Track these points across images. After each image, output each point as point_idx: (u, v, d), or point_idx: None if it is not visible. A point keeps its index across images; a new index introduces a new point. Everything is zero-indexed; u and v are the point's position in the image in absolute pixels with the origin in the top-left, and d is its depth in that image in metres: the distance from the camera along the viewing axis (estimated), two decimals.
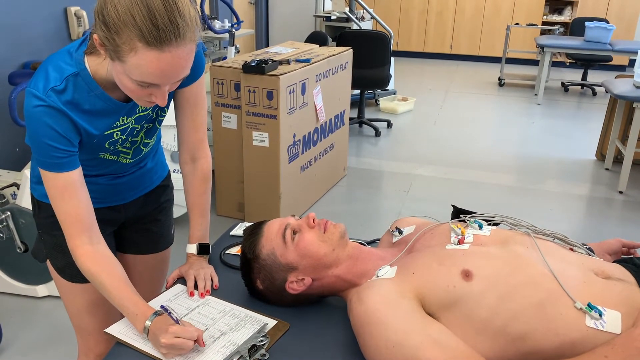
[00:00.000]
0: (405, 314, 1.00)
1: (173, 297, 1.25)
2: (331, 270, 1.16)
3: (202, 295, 1.25)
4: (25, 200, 2.31)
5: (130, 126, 1.21)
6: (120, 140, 1.21)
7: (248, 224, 1.39)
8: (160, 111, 1.26)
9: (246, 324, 1.14)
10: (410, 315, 1.00)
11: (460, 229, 1.16)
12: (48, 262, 1.35)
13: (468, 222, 1.21)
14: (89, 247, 1.14)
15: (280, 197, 3.05)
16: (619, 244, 1.29)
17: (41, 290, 2.46)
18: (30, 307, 2.43)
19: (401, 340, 0.96)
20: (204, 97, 1.31)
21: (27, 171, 2.30)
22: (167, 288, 1.29)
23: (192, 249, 1.35)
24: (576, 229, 3.30)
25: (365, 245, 1.38)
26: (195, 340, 1.04)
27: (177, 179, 3.04)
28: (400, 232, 1.31)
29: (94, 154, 1.20)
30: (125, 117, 1.18)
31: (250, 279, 1.20)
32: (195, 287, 1.27)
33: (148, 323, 1.08)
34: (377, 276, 1.11)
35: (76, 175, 1.11)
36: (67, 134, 1.08)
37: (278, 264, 1.15)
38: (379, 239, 1.46)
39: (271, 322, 1.15)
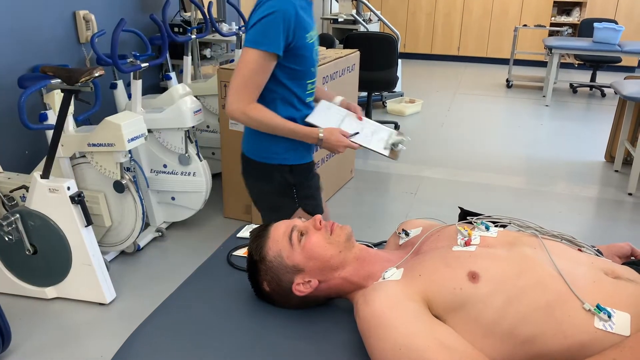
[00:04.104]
0: (411, 317, 0.99)
1: (326, 109, 1.77)
2: (338, 272, 1.16)
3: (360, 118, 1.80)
4: (34, 203, 2.33)
5: (315, 43, 1.69)
6: (315, 53, 1.68)
7: (255, 226, 1.40)
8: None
9: (382, 129, 1.79)
10: (417, 317, 0.99)
11: (466, 230, 1.15)
12: (300, 210, 1.79)
13: (475, 223, 1.20)
14: (256, 104, 1.60)
15: None
16: (629, 247, 1.28)
17: (50, 292, 2.48)
18: (39, 309, 2.45)
19: (407, 343, 0.96)
20: None
21: (35, 173, 2.32)
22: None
23: (340, 97, 1.89)
24: (585, 231, 3.28)
25: (372, 247, 1.38)
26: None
27: (185, 181, 3.05)
28: (407, 234, 1.31)
29: (311, 66, 1.68)
30: (314, 28, 1.65)
31: (257, 281, 1.20)
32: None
33: (321, 135, 1.65)
34: (384, 278, 1.11)
35: (274, 63, 1.58)
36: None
37: (284, 266, 1.15)
38: (385, 241, 1.46)
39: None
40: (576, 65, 7.77)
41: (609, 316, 0.94)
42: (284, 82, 1.65)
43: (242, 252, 1.45)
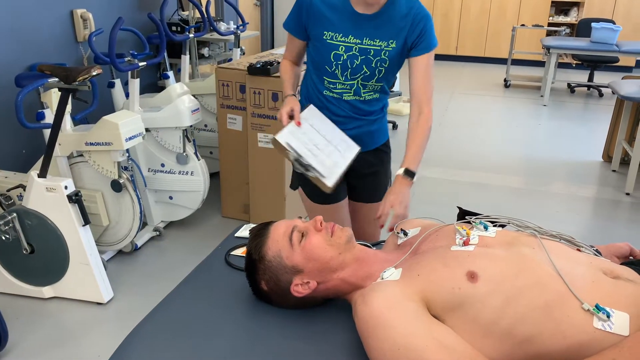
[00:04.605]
0: (410, 317, 0.99)
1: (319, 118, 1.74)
2: (337, 273, 1.15)
3: (381, 224, 1.54)
4: (31, 202, 2.32)
5: (353, 52, 1.66)
6: (342, 59, 1.67)
7: (253, 226, 1.39)
8: (380, 63, 1.68)
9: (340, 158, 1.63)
10: (416, 317, 0.99)
11: (465, 230, 1.15)
12: (300, 190, 1.94)
13: (473, 223, 1.20)
14: (288, 62, 1.86)
15: (285, 198, 3.05)
16: (629, 247, 1.28)
17: (47, 291, 2.47)
18: (36, 308, 2.44)
19: (406, 343, 0.96)
20: (431, 68, 1.72)
21: (33, 172, 2.31)
22: None
23: (400, 171, 1.61)
24: (583, 231, 3.28)
25: (370, 247, 1.38)
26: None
27: (182, 180, 3.04)
28: (406, 234, 1.30)
29: (327, 64, 1.69)
30: (352, 37, 1.64)
31: (255, 280, 1.20)
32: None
33: (286, 97, 1.73)
34: (382, 278, 1.11)
35: (299, 45, 1.80)
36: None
37: (284, 266, 1.15)
38: (384, 241, 1.46)
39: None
40: (574, 65, 7.78)
41: (608, 316, 0.94)
42: (309, 64, 1.83)
43: (240, 251, 1.45)
